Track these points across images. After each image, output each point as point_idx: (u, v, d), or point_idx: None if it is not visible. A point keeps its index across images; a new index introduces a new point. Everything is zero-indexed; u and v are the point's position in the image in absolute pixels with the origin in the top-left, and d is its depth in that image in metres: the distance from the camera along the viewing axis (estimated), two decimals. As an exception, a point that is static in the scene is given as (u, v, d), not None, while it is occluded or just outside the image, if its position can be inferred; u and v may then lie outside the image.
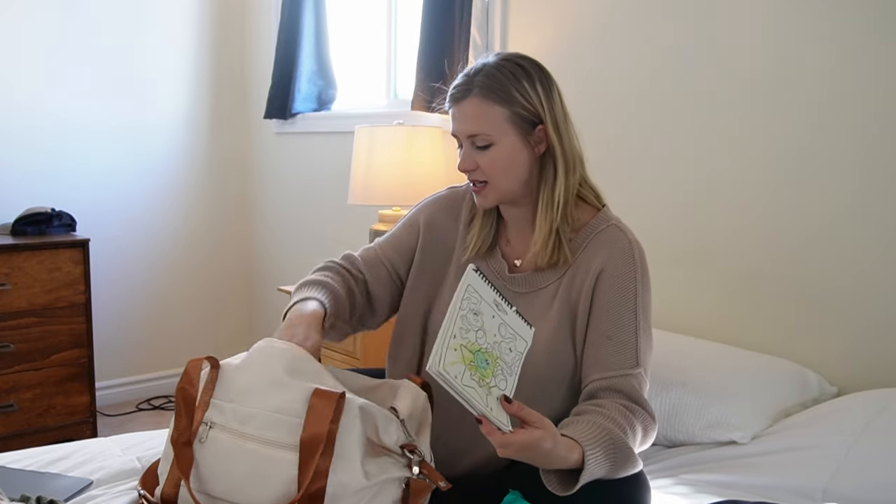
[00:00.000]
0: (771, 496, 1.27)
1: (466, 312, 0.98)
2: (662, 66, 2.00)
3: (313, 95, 3.13)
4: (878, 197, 1.64)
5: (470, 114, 1.24)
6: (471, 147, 1.25)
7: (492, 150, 1.24)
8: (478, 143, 1.24)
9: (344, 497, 1.02)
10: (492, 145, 1.24)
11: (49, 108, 3.03)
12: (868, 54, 1.63)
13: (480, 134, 1.23)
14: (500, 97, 1.23)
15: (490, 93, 1.23)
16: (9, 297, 2.63)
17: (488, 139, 1.23)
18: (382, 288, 1.42)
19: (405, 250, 1.42)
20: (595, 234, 1.28)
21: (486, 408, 0.93)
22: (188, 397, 1.13)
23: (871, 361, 1.65)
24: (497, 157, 1.24)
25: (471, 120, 1.24)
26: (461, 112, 1.25)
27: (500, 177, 1.26)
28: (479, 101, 1.23)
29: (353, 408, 1.06)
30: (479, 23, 2.43)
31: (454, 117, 1.27)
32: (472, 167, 1.25)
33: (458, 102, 1.25)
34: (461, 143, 1.27)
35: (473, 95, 1.23)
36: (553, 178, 1.27)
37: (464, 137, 1.25)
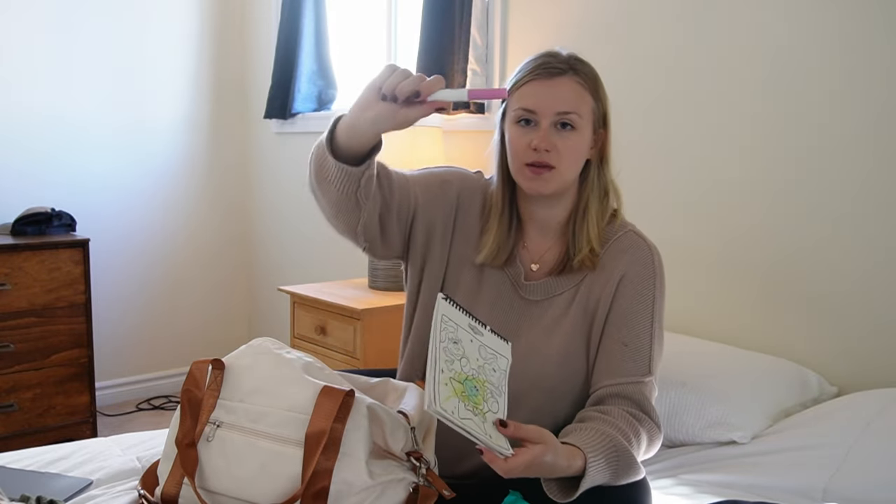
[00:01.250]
0: (771, 496, 1.27)
1: (447, 343, 0.98)
2: (663, 66, 2.00)
3: (313, 95, 3.13)
4: (879, 197, 1.64)
5: (567, 92, 1.20)
6: (551, 127, 1.19)
7: (573, 135, 1.20)
8: (564, 122, 1.19)
9: (348, 495, 1.03)
10: (575, 130, 1.20)
11: (49, 109, 3.03)
12: (875, 56, 1.63)
13: (573, 113, 1.19)
14: (591, 88, 1.23)
15: (586, 80, 1.22)
16: (9, 297, 2.63)
17: (576, 122, 1.20)
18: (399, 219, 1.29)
19: (434, 201, 1.31)
20: (613, 240, 1.27)
21: (485, 436, 0.94)
22: (193, 399, 1.13)
23: (871, 361, 1.65)
24: (575, 144, 1.21)
25: (567, 98, 1.20)
26: (555, 88, 1.20)
27: (569, 165, 1.22)
28: (576, 83, 1.21)
29: (362, 407, 1.07)
30: (479, 23, 2.43)
31: (538, 92, 1.20)
32: (550, 147, 1.19)
33: (553, 78, 1.20)
34: (533, 122, 1.20)
35: (571, 76, 1.21)
36: (598, 183, 1.27)
37: (550, 114, 1.19)
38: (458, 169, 1.38)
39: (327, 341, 2.40)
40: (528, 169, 1.21)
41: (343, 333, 2.34)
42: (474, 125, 2.49)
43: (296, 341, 2.54)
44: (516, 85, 1.23)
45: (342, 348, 2.36)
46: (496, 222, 1.29)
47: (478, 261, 1.29)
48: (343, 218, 1.27)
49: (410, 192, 1.29)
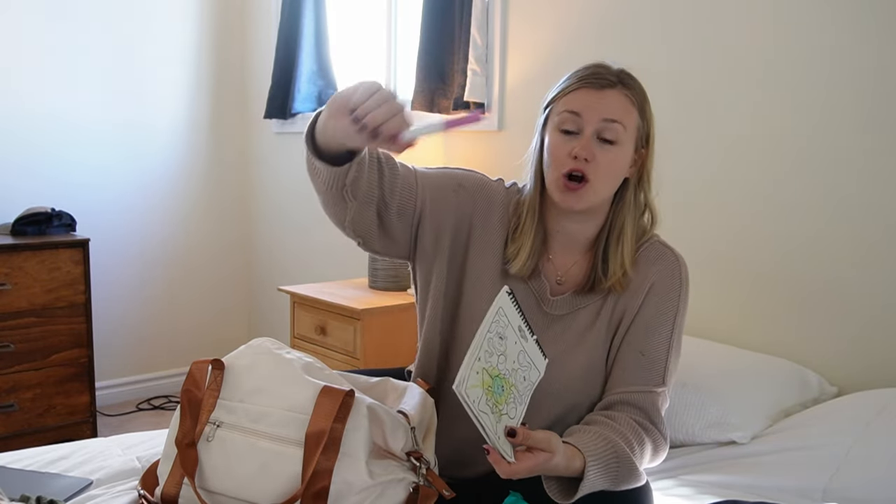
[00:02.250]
0: (771, 496, 1.27)
1: (493, 336, 0.98)
2: (663, 66, 2.00)
3: (313, 95, 3.13)
4: (879, 198, 1.64)
5: (613, 103, 1.19)
6: (593, 137, 1.17)
7: (614, 149, 1.18)
8: (607, 136, 1.17)
9: (348, 495, 1.03)
10: (616, 144, 1.19)
11: (49, 108, 3.03)
12: (868, 53, 1.63)
13: (618, 123, 1.18)
14: (639, 105, 1.22)
15: (634, 96, 1.21)
16: (9, 297, 2.63)
17: (619, 135, 1.18)
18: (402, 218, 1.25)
19: (443, 203, 1.26)
20: (640, 252, 1.26)
21: (495, 436, 0.94)
22: (193, 399, 1.13)
23: (871, 361, 1.65)
24: (615, 159, 1.19)
25: (613, 109, 1.18)
26: (604, 98, 1.18)
27: (606, 180, 1.20)
28: (624, 97, 1.20)
29: (362, 407, 1.07)
30: (479, 23, 2.43)
31: (586, 99, 1.18)
32: (590, 157, 1.17)
33: (603, 89, 1.19)
34: (576, 130, 1.18)
35: (621, 90, 1.20)
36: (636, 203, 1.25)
37: (595, 120, 1.17)
38: (477, 174, 1.33)
39: (327, 341, 2.40)
40: (564, 181, 1.18)
41: (343, 333, 2.34)
42: (474, 125, 2.49)
43: (296, 341, 2.54)
44: (563, 91, 1.22)
45: (342, 348, 2.36)
46: (531, 231, 1.25)
47: (512, 271, 1.25)
48: (331, 210, 1.25)
49: (416, 193, 1.24)
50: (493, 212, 1.28)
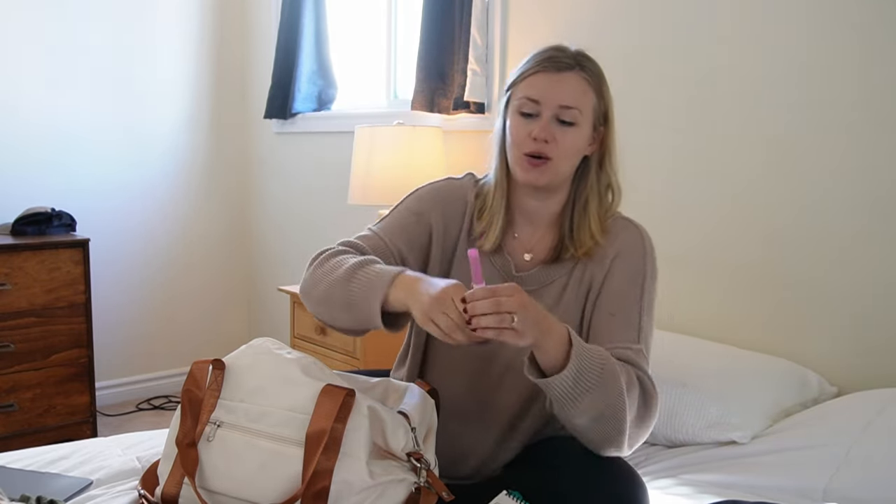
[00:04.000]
0: (771, 496, 1.27)
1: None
2: (663, 66, 2.00)
3: (313, 95, 3.13)
4: (880, 198, 1.64)
5: (572, 87, 1.23)
6: (552, 120, 1.22)
7: (572, 130, 1.23)
8: (564, 118, 1.22)
9: (348, 495, 1.03)
10: (574, 125, 1.23)
11: (49, 109, 3.03)
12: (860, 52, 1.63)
13: (575, 108, 1.22)
14: (596, 86, 1.26)
15: (592, 77, 1.25)
16: (9, 297, 2.63)
17: (576, 118, 1.23)
18: None
19: (416, 244, 1.34)
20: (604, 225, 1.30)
21: None
22: (194, 399, 1.13)
23: (871, 361, 1.65)
24: (574, 139, 1.24)
25: (570, 92, 1.23)
26: (561, 81, 1.23)
27: (566, 159, 1.25)
28: (582, 79, 1.24)
29: (362, 407, 1.07)
30: (479, 23, 2.43)
31: (544, 84, 1.23)
32: (549, 138, 1.22)
33: (561, 72, 1.23)
34: (535, 113, 1.23)
35: (577, 72, 1.24)
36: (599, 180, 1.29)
37: (553, 106, 1.22)
38: (434, 187, 1.38)
39: (327, 341, 2.40)
40: (526, 160, 1.24)
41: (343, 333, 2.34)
42: (474, 125, 2.49)
43: (296, 341, 2.54)
44: (523, 75, 1.26)
45: (342, 348, 2.36)
46: (500, 207, 1.31)
47: (484, 247, 1.31)
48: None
49: (394, 259, 1.31)
50: (455, 209, 1.35)
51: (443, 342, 1.10)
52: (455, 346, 1.17)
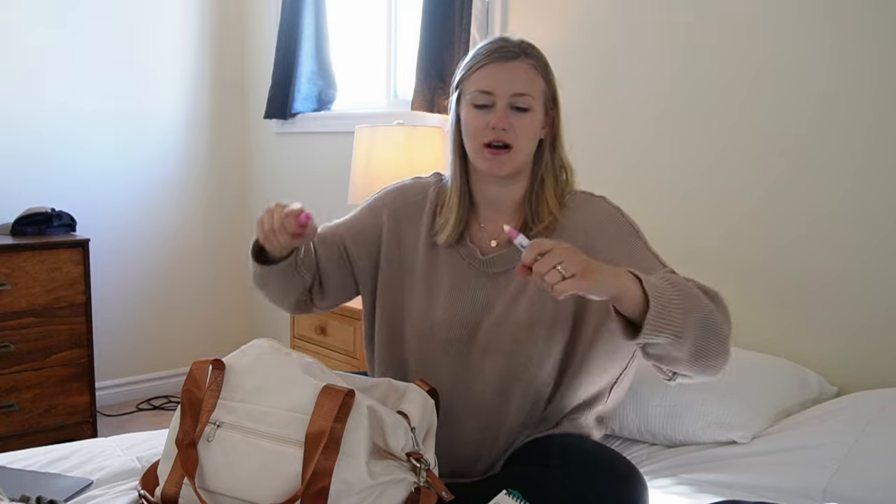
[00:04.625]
0: (771, 496, 1.27)
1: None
2: (663, 66, 2.00)
3: (313, 95, 3.13)
4: (880, 198, 1.64)
5: (522, 75, 1.27)
6: (507, 108, 1.26)
7: (528, 116, 1.27)
8: (519, 104, 1.26)
9: (348, 495, 1.03)
10: (529, 111, 1.26)
11: (49, 109, 3.03)
12: (864, 52, 1.63)
13: (528, 95, 1.26)
14: (543, 72, 1.29)
15: (538, 64, 1.29)
16: (9, 297, 2.63)
17: (530, 103, 1.26)
18: (332, 266, 1.40)
19: (362, 233, 1.41)
20: (565, 200, 1.33)
21: None
22: (194, 399, 1.13)
23: (871, 361, 1.65)
24: (530, 124, 1.27)
25: (522, 80, 1.26)
26: (510, 71, 1.26)
27: (525, 144, 1.28)
28: (530, 67, 1.27)
29: (362, 407, 1.07)
30: (479, 23, 2.43)
31: (494, 75, 1.26)
32: (507, 126, 1.25)
33: (509, 61, 1.26)
34: (490, 104, 1.26)
35: (525, 61, 1.27)
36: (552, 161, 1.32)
37: (506, 95, 1.25)
38: (395, 186, 1.45)
39: (327, 341, 2.40)
40: (487, 150, 1.27)
41: (343, 333, 2.34)
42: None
43: (296, 341, 2.54)
44: (472, 68, 1.29)
45: (342, 348, 2.36)
46: (455, 202, 1.35)
47: (439, 241, 1.35)
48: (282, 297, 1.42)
49: (336, 241, 1.41)
50: (416, 206, 1.40)
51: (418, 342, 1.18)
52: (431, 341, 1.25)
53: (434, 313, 1.33)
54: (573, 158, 1.37)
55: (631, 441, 1.60)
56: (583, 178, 1.39)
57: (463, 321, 1.31)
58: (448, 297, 1.33)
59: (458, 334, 1.30)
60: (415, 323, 1.35)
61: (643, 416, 1.56)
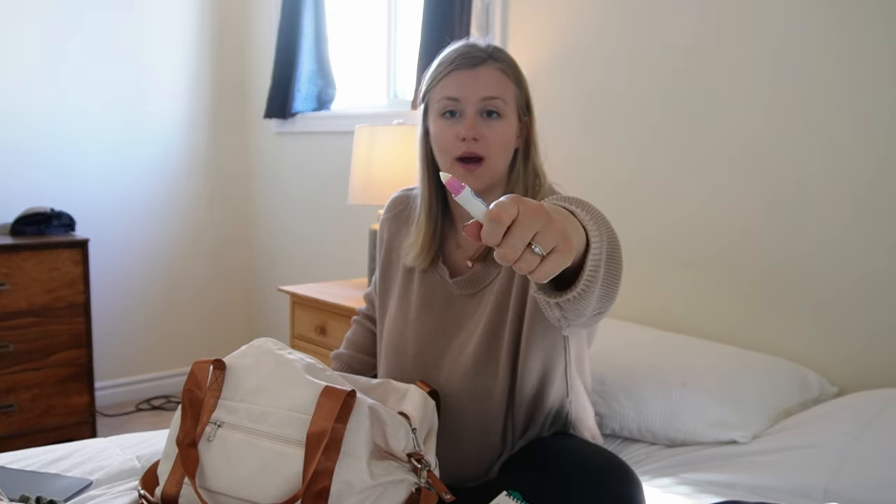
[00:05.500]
0: (771, 496, 1.27)
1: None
2: (665, 67, 2.00)
3: (313, 95, 3.13)
4: (880, 198, 1.64)
5: (489, 80, 1.19)
6: (477, 116, 1.19)
7: (500, 123, 1.20)
8: (490, 108, 1.18)
9: (349, 496, 1.03)
10: (501, 117, 1.20)
11: (48, 109, 3.03)
12: (877, 59, 1.63)
13: (498, 98, 1.19)
14: (514, 76, 1.22)
15: (507, 68, 1.22)
16: (8, 297, 2.62)
17: (501, 108, 1.19)
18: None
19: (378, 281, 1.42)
20: None
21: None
22: (194, 399, 1.13)
23: (871, 361, 1.65)
24: (503, 132, 1.20)
25: (490, 85, 1.19)
26: (477, 77, 1.19)
27: (498, 154, 1.21)
28: (498, 72, 1.21)
29: (363, 407, 1.07)
30: (479, 23, 2.43)
31: (461, 81, 1.19)
32: (478, 136, 1.18)
33: (475, 68, 1.19)
34: (458, 112, 1.19)
35: (491, 65, 1.20)
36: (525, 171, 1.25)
37: (475, 100, 1.18)
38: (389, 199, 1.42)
39: (327, 341, 2.40)
40: (460, 165, 1.19)
41: (343, 333, 2.34)
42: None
43: (296, 341, 2.54)
44: (437, 77, 1.23)
45: (342, 348, 2.35)
46: (424, 221, 1.28)
47: (407, 263, 1.30)
48: None
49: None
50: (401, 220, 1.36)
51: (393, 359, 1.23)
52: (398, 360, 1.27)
53: (406, 333, 1.31)
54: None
55: (631, 441, 1.60)
56: (581, 182, 1.36)
57: (429, 344, 1.28)
58: (417, 318, 1.30)
59: (425, 357, 1.28)
60: (389, 340, 1.34)
61: (643, 416, 1.56)
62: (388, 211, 1.41)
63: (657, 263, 1.97)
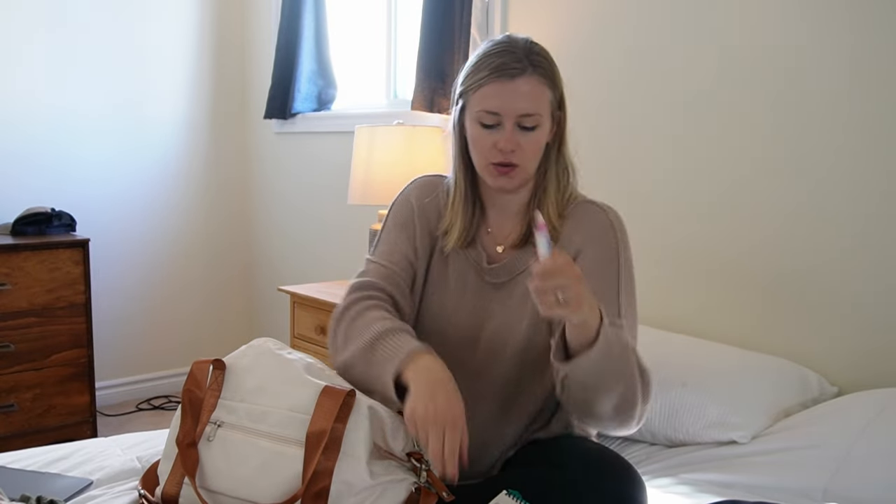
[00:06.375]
0: (771, 496, 1.27)
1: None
2: (667, 68, 2.00)
3: (313, 95, 3.13)
4: (880, 199, 1.64)
5: (527, 92, 1.20)
6: (514, 127, 1.20)
7: (536, 133, 1.22)
8: (527, 125, 1.20)
9: (348, 495, 1.03)
10: (537, 127, 1.21)
11: (49, 109, 3.03)
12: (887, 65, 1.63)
13: (535, 114, 1.20)
14: (550, 81, 1.23)
15: (544, 75, 1.22)
16: (9, 297, 2.63)
17: (538, 121, 1.21)
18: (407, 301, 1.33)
19: (412, 256, 1.35)
20: (569, 210, 1.30)
21: None
22: (194, 399, 1.13)
23: (872, 361, 1.65)
24: (537, 140, 1.23)
25: (528, 99, 1.20)
26: (516, 89, 1.19)
27: (533, 159, 1.25)
28: (536, 81, 1.21)
29: (362, 407, 1.07)
30: (479, 23, 2.43)
31: (501, 94, 1.19)
32: (515, 147, 1.20)
33: (514, 79, 1.19)
34: (496, 123, 1.21)
35: (531, 75, 1.20)
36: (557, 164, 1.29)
37: (514, 116, 1.19)
38: (403, 196, 1.40)
39: (327, 341, 2.40)
40: (494, 168, 1.24)
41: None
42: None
43: (296, 341, 2.54)
44: (477, 84, 1.22)
45: (342, 348, 2.35)
46: (461, 207, 1.32)
47: (446, 248, 1.33)
48: None
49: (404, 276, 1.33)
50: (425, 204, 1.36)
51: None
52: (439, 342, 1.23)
53: (442, 315, 1.32)
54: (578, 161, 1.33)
55: (631, 441, 1.60)
56: (588, 186, 1.37)
57: (465, 325, 1.30)
58: (452, 300, 1.32)
59: (460, 336, 1.30)
60: (425, 324, 1.34)
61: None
62: (426, 195, 1.37)
63: (657, 264, 1.97)
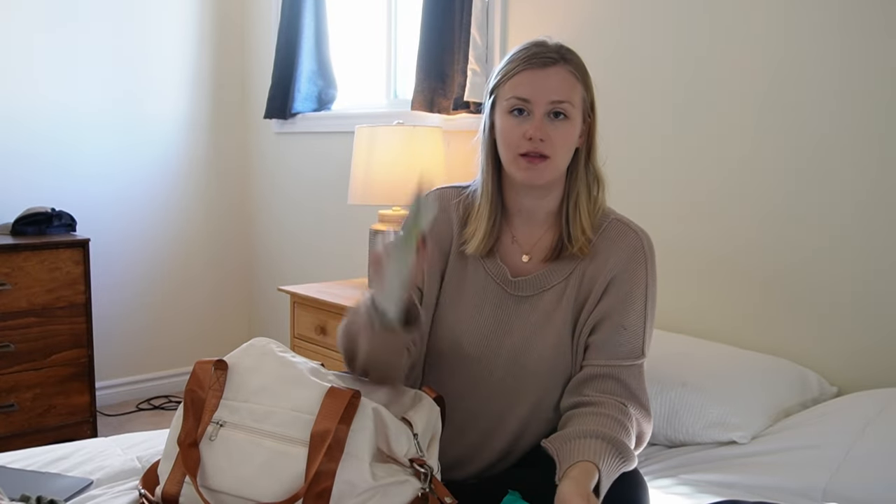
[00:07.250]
0: (771, 496, 1.27)
1: None
2: (666, 68, 2.00)
3: (313, 95, 3.13)
4: (879, 199, 1.64)
5: (560, 81, 1.21)
6: (544, 116, 1.21)
7: (566, 124, 1.22)
8: (557, 110, 1.20)
9: (351, 496, 1.03)
10: (567, 119, 1.21)
11: (49, 109, 3.03)
12: (877, 62, 1.63)
13: (566, 102, 1.21)
14: (582, 78, 1.24)
15: (577, 70, 1.23)
16: (9, 297, 2.63)
17: (569, 111, 1.21)
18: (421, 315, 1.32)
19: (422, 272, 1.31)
20: (601, 230, 1.28)
21: None
22: (196, 399, 1.13)
23: (871, 361, 1.65)
24: (568, 132, 1.22)
25: (560, 87, 1.21)
26: (548, 77, 1.20)
27: (563, 153, 1.23)
28: (568, 73, 1.22)
29: (367, 409, 1.07)
30: (479, 23, 2.43)
31: (533, 81, 1.20)
32: (545, 136, 1.20)
33: (546, 68, 1.21)
34: (527, 112, 1.21)
35: (563, 66, 1.22)
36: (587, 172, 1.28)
37: (544, 102, 1.20)
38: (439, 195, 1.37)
39: (327, 341, 2.40)
40: (523, 159, 1.22)
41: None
42: (474, 125, 2.46)
43: (296, 341, 2.54)
44: (508, 74, 1.24)
45: (342, 348, 2.35)
46: (486, 211, 1.29)
47: (468, 252, 1.30)
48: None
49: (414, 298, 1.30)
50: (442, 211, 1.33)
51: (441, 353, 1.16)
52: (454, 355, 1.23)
53: (458, 326, 1.29)
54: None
55: (631, 441, 1.60)
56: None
57: (481, 340, 1.28)
58: (468, 313, 1.29)
59: (477, 351, 1.27)
60: (439, 334, 1.31)
61: (643, 416, 1.56)
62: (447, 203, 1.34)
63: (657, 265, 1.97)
